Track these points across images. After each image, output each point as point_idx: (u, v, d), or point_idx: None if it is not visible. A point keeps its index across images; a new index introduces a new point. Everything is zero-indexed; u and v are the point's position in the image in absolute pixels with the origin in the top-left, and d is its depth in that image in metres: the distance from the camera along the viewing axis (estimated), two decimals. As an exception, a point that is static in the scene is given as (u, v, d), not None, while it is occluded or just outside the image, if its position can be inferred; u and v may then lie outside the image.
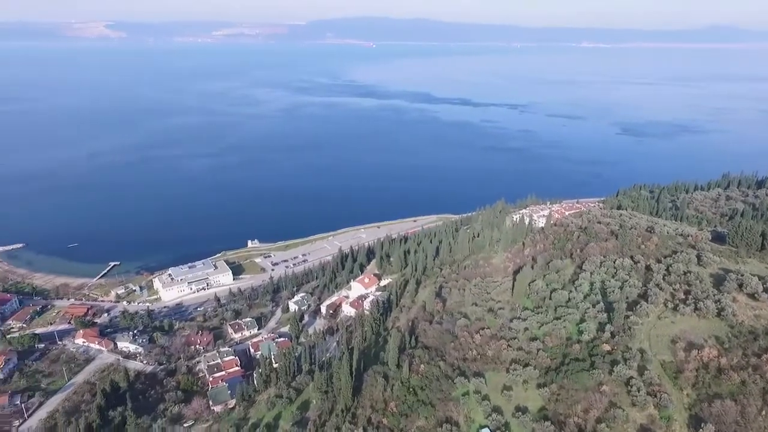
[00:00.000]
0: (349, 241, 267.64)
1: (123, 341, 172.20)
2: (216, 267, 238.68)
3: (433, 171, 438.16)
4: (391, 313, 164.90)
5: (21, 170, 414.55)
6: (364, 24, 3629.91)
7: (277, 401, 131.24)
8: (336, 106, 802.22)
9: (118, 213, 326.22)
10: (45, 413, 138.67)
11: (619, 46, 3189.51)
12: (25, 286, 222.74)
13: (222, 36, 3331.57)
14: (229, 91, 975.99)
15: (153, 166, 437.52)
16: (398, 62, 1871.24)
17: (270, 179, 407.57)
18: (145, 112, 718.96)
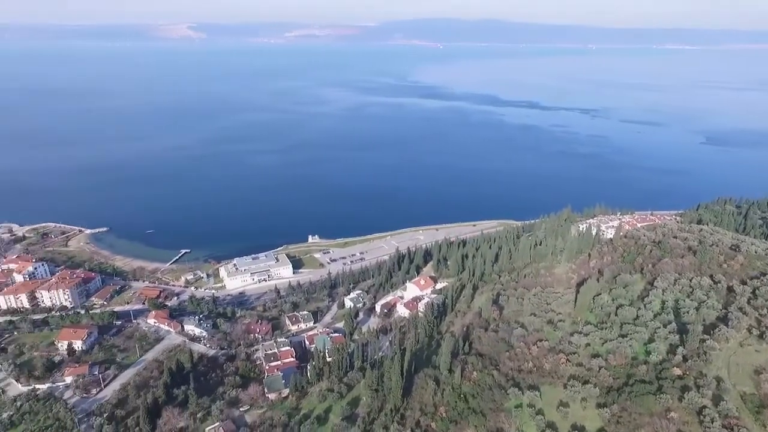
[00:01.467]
0: (406, 241, 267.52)
1: (189, 324, 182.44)
2: (277, 260, 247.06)
3: (495, 175, 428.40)
4: (446, 317, 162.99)
5: (109, 160, 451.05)
6: (433, 25, 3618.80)
7: (328, 395, 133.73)
8: (400, 107, 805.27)
9: (192, 203, 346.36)
10: (119, 385, 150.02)
11: (709, 47, 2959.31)
12: (107, 267, 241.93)
13: (293, 37, 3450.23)
14: (298, 90, 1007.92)
15: (225, 160, 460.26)
16: (465, 63, 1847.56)
17: (333, 177, 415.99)
18: (220, 108, 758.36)
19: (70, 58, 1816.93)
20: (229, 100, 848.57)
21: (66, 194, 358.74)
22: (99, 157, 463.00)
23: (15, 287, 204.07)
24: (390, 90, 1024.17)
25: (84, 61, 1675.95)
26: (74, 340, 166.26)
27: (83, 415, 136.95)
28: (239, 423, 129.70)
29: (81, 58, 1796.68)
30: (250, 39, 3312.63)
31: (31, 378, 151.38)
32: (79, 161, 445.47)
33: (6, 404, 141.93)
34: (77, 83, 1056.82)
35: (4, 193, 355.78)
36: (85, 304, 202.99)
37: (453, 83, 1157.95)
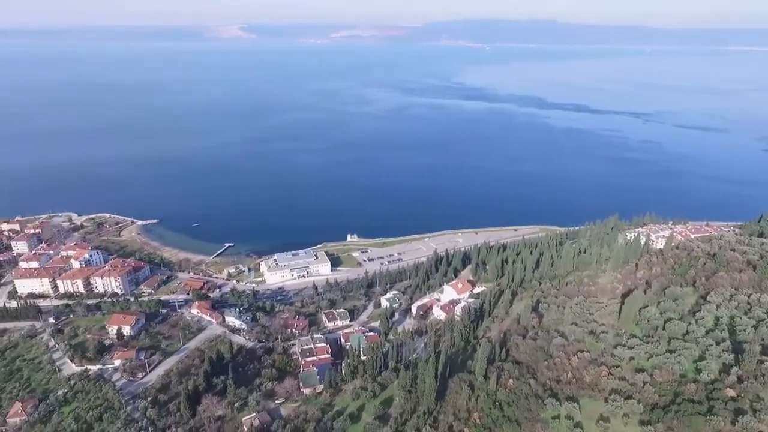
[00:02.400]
0: (445, 244, 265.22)
1: (230, 316, 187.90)
2: (317, 257, 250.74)
3: (539, 179, 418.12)
4: (483, 322, 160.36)
5: (162, 156, 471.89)
6: (479, 26, 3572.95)
7: (361, 393, 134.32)
8: (443, 108, 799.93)
9: (237, 199, 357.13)
10: (162, 371, 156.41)
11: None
12: (155, 257, 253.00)
13: (339, 37, 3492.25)
14: (342, 90, 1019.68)
15: (270, 158, 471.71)
16: (511, 65, 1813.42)
17: (374, 177, 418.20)
18: (266, 107, 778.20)
19: (130, 57, 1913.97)
20: (276, 100, 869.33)
21: (121, 186, 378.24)
22: (153, 152, 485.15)
23: (72, 273, 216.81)
24: (434, 91, 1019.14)
25: (142, 61, 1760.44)
26: (123, 326, 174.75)
27: (129, 397, 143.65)
28: (274, 415, 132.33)
29: (140, 58, 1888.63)
30: (297, 39, 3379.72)
31: (83, 359, 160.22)
32: (135, 156, 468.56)
33: (61, 382, 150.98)
34: (136, 82, 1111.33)
35: (67, 184, 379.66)
36: (134, 291, 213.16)
37: (498, 85, 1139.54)
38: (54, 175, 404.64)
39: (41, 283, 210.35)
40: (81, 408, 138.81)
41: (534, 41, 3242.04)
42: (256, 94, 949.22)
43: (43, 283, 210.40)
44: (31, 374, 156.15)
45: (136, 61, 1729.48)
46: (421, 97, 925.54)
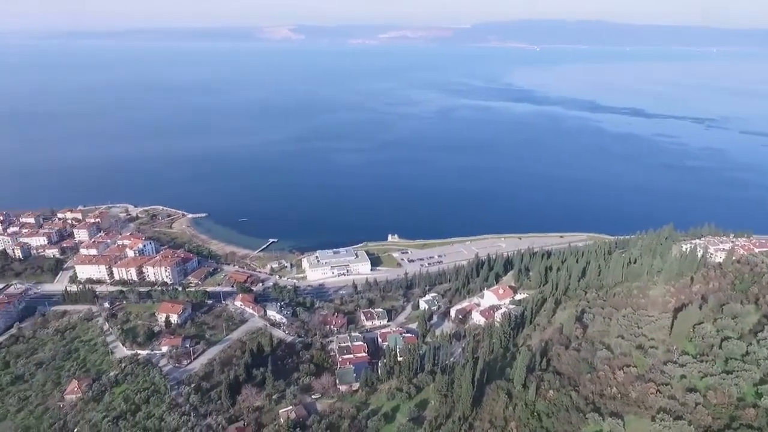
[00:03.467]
0: (487, 248, 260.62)
1: (271, 310, 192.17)
2: (357, 256, 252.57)
3: (588, 185, 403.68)
4: (523, 330, 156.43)
5: (213, 152, 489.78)
6: (530, 26, 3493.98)
7: (397, 394, 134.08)
8: (490, 110, 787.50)
9: (282, 196, 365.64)
10: (206, 359, 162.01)
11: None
12: (203, 250, 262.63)
13: (387, 38, 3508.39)
14: (388, 90, 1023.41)
15: (315, 156, 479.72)
16: (562, 67, 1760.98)
17: (417, 178, 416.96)
18: (313, 107, 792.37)
19: (184, 57, 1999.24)
20: (322, 99, 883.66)
21: (174, 181, 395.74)
22: (205, 148, 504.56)
23: (126, 261, 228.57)
24: (481, 93, 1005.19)
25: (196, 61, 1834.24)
26: (171, 314, 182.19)
27: (174, 383, 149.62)
28: (310, 409, 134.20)
29: (193, 58, 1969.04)
30: (346, 40, 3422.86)
31: (134, 343, 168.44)
32: (188, 152, 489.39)
33: (113, 364, 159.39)
34: (190, 81, 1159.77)
35: (125, 177, 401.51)
36: (183, 282, 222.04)
37: (548, 87, 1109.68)
38: (113, 168, 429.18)
39: (99, 269, 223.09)
40: (130, 390, 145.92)
41: (588, 42, 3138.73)
42: (304, 93, 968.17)
43: (101, 269, 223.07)
44: (87, 355, 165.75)
45: (191, 62, 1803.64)
46: (468, 98, 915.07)
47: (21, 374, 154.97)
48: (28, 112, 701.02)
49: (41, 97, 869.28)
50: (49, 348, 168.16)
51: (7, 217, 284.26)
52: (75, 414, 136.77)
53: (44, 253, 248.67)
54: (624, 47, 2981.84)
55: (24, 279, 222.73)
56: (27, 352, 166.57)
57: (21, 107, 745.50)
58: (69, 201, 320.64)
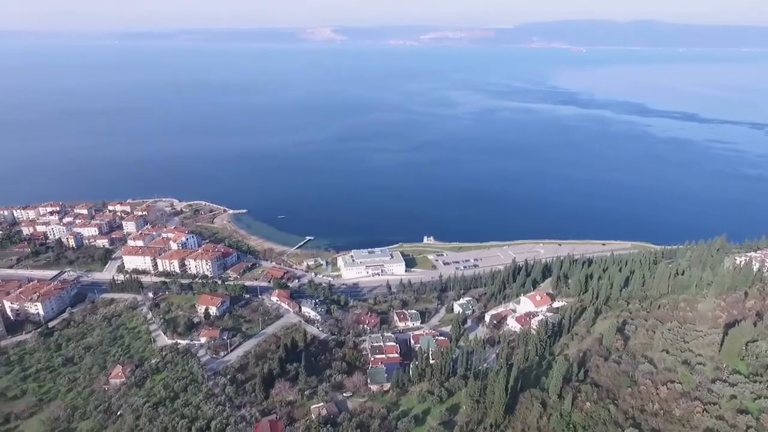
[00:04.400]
0: (524, 253, 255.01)
1: (306, 307, 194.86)
2: (392, 256, 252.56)
3: (634, 192, 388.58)
4: (560, 339, 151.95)
5: (254, 150, 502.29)
6: (575, 27, 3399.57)
7: (428, 396, 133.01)
8: (532, 112, 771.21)
9: (320, 194, 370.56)
10: (242, 352, 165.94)
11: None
12: (243, 245, 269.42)
13: (428, 39, 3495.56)
14: (428, 91, 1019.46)
15: (353, 156, 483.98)
16: (610, 68, 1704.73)
17: (455, 180, 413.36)
18: (353, 107, 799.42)
19: (229, 58, 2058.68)
20: (362, 100, 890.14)
21: (217, 177, 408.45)
22: (247, 147, 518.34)
23: (170, 254, 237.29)
24: (523, 95, 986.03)
25: (239, 61, 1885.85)
26: (210, 306, 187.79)
27: (211, 373, 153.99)
28: (341, 407, 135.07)
29: (237, 58, 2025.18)
30: (387, 41, 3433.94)
31: (175, 333, 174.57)
32: (231, 149, 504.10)
33: (155, 352, 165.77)
34: (234, 81, 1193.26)
35: (171, 172, 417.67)
36: (222, 275, 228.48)
37: (594, 90, 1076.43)
38: (161, 163, 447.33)
39: (144, 260, 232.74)
40: (170, 377, 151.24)
41: (636, 43, 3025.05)
42: (344, 93, 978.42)
43: (146, 261, 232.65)
44: (131, 342, 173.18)
45: (236, 62, 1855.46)
46: (509, 100, 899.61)
47: (71, 357, 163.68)
48: (85, 111, 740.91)
49: (97, 95, 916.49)
50: (97, 333, 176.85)
51: (63, 208, 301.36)
52: (119, 397, 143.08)
53: (95, 243, 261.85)
54: (678, 49, 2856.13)
55: (76, 267, 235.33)
56: (77, 336, 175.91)
57: (79, 106, 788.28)
58: (119, 194, 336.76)
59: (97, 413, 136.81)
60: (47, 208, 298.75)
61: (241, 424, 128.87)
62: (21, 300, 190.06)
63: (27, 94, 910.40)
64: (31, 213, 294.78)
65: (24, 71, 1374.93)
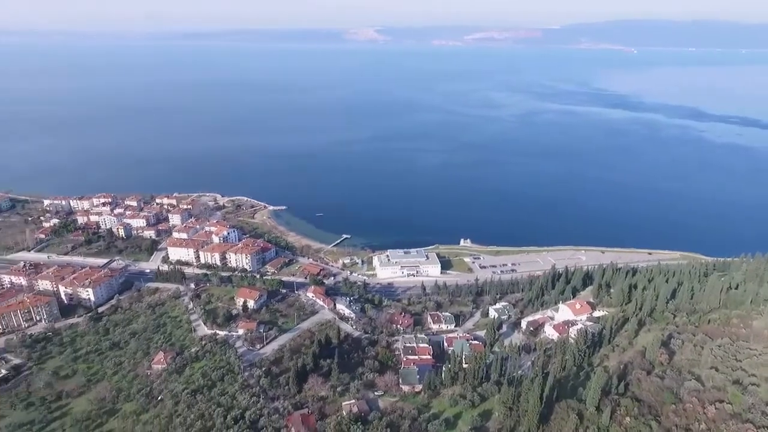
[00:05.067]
0: (565, 260, 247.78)
1: (341, 304, 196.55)
2: (427, 257, 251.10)
3: (686, 200, 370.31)
4: (600, 349, 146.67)
5: (295, 148, 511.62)
6: (626, 27, 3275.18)
7: (460, 400, 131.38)
8: (577, 115, 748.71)
9: (358, 193, 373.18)
10: (277, 345, 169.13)
11: None
12: (281, 241, 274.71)
13: (472, 40, 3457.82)
14: (471, 92, 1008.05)
15: (392, 156, 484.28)
16: (662, 70, 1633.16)
17: (494, 182, 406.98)
18: (394, 107, 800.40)
19: (272, 57, 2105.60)
20: (403, 100, 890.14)
21: (258, 174, 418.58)
22: (289, 144, 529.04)
23: (212, 247, 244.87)
24: (569, 97, 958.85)
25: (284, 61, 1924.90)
26: (249, 299, 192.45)
27: (247, 364, 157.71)
28: (372, 405, 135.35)
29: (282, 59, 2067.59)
30: (430, 41, 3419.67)
31: (214, 324, 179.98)
32: (274, 147, 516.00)
33: (195, 341, 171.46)
34: (279, 81, 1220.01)
35: (215, 169, 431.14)
36: (260, 269, 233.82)
37: (645, 92, 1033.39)
38: (206, 159, 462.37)
39: (188, 252, 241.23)
40: (208, 366, 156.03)
41: (694, 44, 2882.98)
42: (385, 94, 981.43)
43: (189, 253, 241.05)
44: (173, 330, 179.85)
45: (278, 61, 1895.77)
46: (554, 102, 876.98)
47: (117, 341, 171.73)
48: (139, 108, 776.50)
49: (151, 93, 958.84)
50: (142, 320, 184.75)
51: (115, 200, 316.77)
52: (160, 383, 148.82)
53: (143, 233, 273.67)
54: (739, 50, 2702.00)
55: (125, 256, 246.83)
56: (123, 322, 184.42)
57: (134, 103, 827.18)
58: (166, 188, 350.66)
59: (139, 396, 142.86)
60: (100, 200, 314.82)
61: (274, 415, 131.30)
62: (74, 285, 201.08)
63: (91, 92, 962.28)
64: (85, 203, 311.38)
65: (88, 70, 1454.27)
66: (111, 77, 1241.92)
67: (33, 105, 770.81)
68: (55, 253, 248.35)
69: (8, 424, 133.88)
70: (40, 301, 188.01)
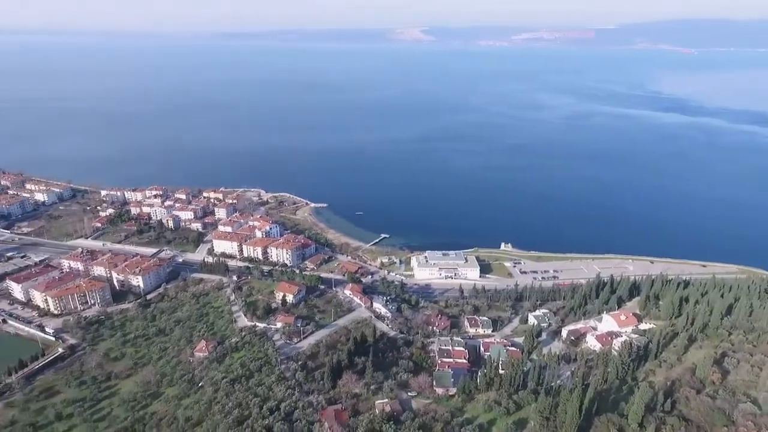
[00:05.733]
0: (611, 269, 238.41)
1: (377, 303, 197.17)
2: (466, 260, 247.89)
3: (749, 210, 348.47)
4: (646, 364, 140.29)
5: (338, 147, 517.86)
6: (684, 27, 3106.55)
7: (494, 406, 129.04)
8: (629, 119, 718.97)
9: (398, 193, 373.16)
10: (313, 340, 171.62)
11: None
12: (321, 238, 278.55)
13: (520, 40, 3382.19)
14: (516, 93, 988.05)
15: (434, 157, 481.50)
16: (726, 73, 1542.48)
17: (538, 186, 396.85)
18: (438, 107, 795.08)
19: (317, 57, 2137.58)
20: (447, 100, 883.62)
21: (302, 171, 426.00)
22: (332, 142, 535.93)
23: (255, 241, 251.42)
24: (621, 99, 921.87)
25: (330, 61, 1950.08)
26: (288, 294, 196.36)
27: (284, 357, 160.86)
28: (405, 406, 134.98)
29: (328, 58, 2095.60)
30: (477, 41, 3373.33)
31: (254, 316, 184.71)
32: (317, 145, 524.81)
33: (235, 331, 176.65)
34: (323, 80, 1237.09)
35: (260, 164, 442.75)
36: (300, 265, 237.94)
37: (705, 96, 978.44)
38: (251, 156, 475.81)
39: (232, 245, 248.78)
40: (247, 357, 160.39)
41: (762, 45, 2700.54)
42: (429, 94, 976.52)
43: (233, 246, 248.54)
44: (215, 320, 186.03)
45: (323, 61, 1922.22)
46: (605, 105, 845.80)
47: (163, 328, 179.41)
48: (190, 105, 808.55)
49: (201, 92, 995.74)
50: (186, 309, 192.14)
51: (165, 192, 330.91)
52: (201, 370, 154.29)
53: (190, 226, 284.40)
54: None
55: (173, 246, 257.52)
56: (169, 310, 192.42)
57: (183, 101, 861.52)
58: (213, 182, 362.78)
59: (181, 382, 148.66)
60: (152, 192, 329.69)
61: (308, 409, 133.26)
62: (126, 272, 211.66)
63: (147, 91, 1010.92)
64: (138, 195, 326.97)
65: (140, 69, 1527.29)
66: (164, 77, 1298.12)
67: (94, 102, 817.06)
68: (109, 241, 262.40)
69: (63, 400, 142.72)
70: (95, 286, 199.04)
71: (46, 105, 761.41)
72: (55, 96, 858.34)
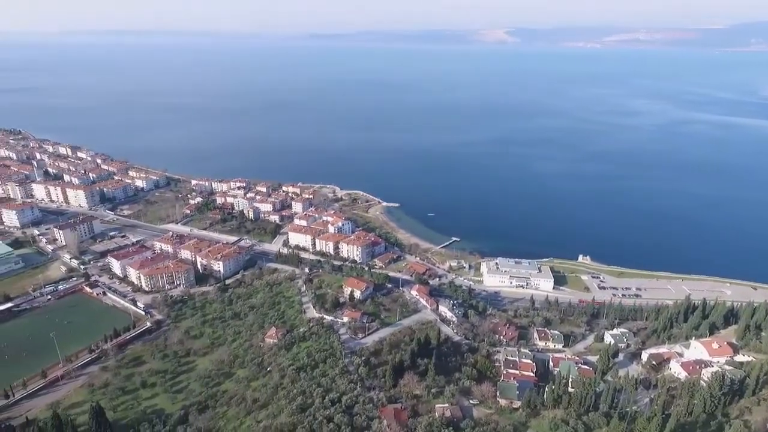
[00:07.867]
0: (704, 292, 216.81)
1: (443, 306, 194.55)
2: (540, 270, 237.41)
3: None
4: (740, 400, 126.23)
5: (413, 147, 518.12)
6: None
7: (561, 425, 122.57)
8: (737, 128, 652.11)
9: (471, 196, 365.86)
10: (378, 337, 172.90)
11: None
12: (391, 237, 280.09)
13: (613, 42, 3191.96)
14: (605, 98, 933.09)
15: (512, 162, 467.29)
16: None
17: (624, 196, 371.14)
18: (519, 110, 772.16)
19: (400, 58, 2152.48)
20: (530, 104, 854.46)
21: (376, 169, 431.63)
22: (408, 143, 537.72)
23: (327, 236, 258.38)
24: (727, 107, 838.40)
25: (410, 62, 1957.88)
26: (356, 289, 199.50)
27: (348, 351, 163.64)
28: (466, 413, 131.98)
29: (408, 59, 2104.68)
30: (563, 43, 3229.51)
31: (322, 308, 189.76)
32: (393, 144, 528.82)
33: (304, 322, 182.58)
34: (405, 80, 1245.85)
35: (336, 162, 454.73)
36: (369, 262, 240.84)
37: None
38: (329, 154, 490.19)
39: (305, 239, 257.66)
40: (313, 347, 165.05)
41: None
42: (510, 97, 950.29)
43: (307, 239, 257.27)
44: (285, 309, 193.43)
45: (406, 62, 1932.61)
46: (707, 112, 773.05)
47: (238, 312, 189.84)
48: (276, 102, 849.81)
49: (289, 90, 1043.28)
50: (260, 296, 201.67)
51: (248, 185, 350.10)
52: (270, 355, 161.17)
53: (268, 217, 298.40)
54: None
55: (251, 236, 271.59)
56: (245, 296, 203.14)
57: (271, 99, 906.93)
58: (291, 177, 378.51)
59: (252, 365, 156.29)
60: (236, 183, 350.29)
61: (369, 404, 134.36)
62: (208, 257, 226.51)
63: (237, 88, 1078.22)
64: (224, 186, 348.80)
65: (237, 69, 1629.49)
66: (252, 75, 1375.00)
67: (198, 98, 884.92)
68: (196, 227, 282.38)
69: (148, 369, 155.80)
70: (181, 268, 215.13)
71: (153, 100, 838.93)
72: (163, 90, 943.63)
